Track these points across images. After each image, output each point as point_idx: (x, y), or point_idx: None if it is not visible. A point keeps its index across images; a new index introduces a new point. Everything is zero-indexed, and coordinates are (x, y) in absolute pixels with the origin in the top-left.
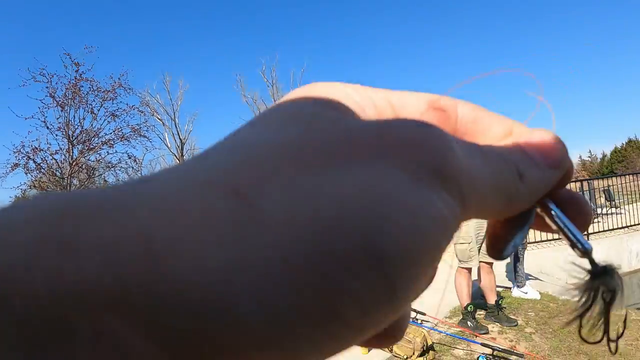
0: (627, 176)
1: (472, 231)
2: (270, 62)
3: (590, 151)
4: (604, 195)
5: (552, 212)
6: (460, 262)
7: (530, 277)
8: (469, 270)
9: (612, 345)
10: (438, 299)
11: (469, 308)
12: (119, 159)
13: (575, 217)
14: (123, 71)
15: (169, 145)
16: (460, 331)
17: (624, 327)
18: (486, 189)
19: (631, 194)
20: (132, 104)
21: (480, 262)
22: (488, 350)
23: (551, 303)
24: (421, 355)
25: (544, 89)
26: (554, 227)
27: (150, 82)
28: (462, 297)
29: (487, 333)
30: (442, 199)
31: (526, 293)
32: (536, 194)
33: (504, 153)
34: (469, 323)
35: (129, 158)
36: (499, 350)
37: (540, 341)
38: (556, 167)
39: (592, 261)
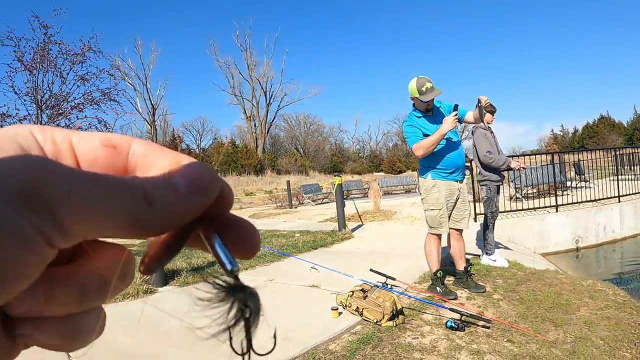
0: (598, 151)
1: (442, 198)
2: (244, 27)
3: (562, 125)
4: (574, 169)
5: (208, 233)
6: (431, 228)
7: (499, 246)
8: (439, 236)
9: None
10: (408, 264)
11: (438, 274)
12: (89, 123)
13: (236, 241)
14: (93, 34)
15: (140, 110)
16: (430, 296)
17: (274, 344)
18: (96, 211)
19: (601, 169)
20: (102, 68)
21: (450, 229)
22: (456, 316)
23: (519, 271)
24: (391, 319)
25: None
26: (208, 248)
27: (122, 46)
28: (432, 263)
29: (455, 299)
30: (24, 216)
31: (495, 261)
32: (174, 218)
33: (134, 181)
34: (437, 289)
35: (99, 123)
36: (467, 316)
37: (508, 307)
38: (201, 193)
39: (236, 279)
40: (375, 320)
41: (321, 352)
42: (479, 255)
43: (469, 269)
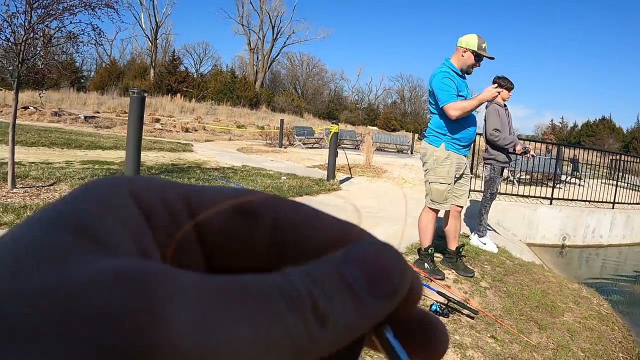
0: (595, 152)
1: (453, 172)
2: None
3: (562, 117)
4: (571, 165)
5: (385, 340)
6: (432, 202)
7: (488, 228)
8: (437, 212)
9: None
10: (395, 231)
11: (429, 250)
12: (82, 30)
13: (421, 348)
14: None
15: (143, 26)
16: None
17: None
18: (244, 356)
19: (594, 169)
20: None
21: (451, 204)
22: (443, 299)
23: (507, 260)
24: None
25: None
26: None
27: None
28: (426, 237)
29: (442, 279)
30: None
31: (485, 244)
32: (350, 335)
33: (294, 287)
34: (426, 265)
35: (94, 30)
36: (454, 302)
37: (494, 299)
38: (388, 294)
39: None
40: None
41: None
42: (467, 236)
43: (460, 250)
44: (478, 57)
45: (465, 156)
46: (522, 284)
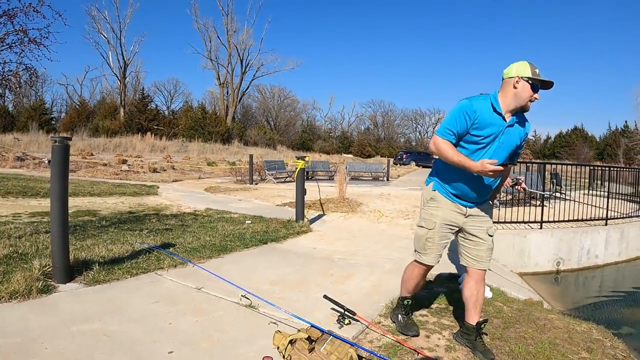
0: (571, 166)
1: (439, 218)
2: None
3: (535, 131)
4: (555, 180)
5: None
6: (415, 252)
7: None
8: (426, 268)
9: None
10: (372, 284)
11: (405, 302)
12: (10, 70)
13: None
14: None
15: (111, 65)
16: (397, 343)
17: None
18: None
19: (574, 181)
20: (29, 2)
21: (472, 267)
22: None
23: (504, 305)
24: None
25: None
26: None
27: None
28: (406, 288)
29: (416, 335)
30: None
31: None
32: None
33: None
34: (400, 317)
35: (28, 71)
36: None
37: None
38: None
39: None
40: None
41: None
42: (457, 279)
43: (482, 326)
44: (536, 87)
45: (467, 207)
46: (526, 337)
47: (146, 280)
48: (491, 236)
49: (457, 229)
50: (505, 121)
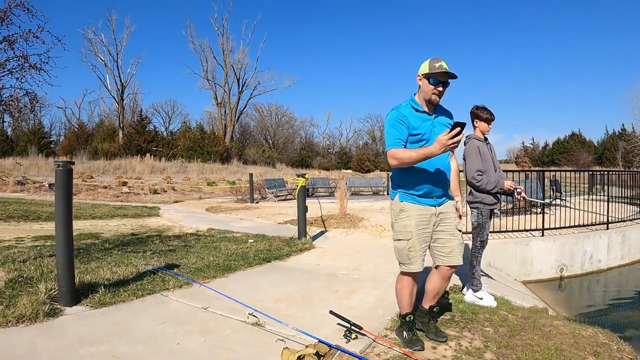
0: (570, 172)
1: (412, 227)
2: (223, 10)
3: (533, 138)
4: (554, 187)
5: None
6: (400, 264)
7: (482, 274)
8: (413, 276)
9: None
10: (377, 297)
11: (407, 319)
12: (10, 96)
13: None
14: None
15: (109, 88)
16: (404, 356)
17: None
18: None
19: (574, 186)
20: (28, 28)
21: (439, 266)
22: None
23: (509, 314)
24: None
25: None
26: None
27: (95, 20)
28: (402, 305)
29: (421, 350)
30: None
31: (481, 299)
32: None
33: None
34: (404, 334)
35: (27, 96)
36: None
37: None
38: None
39: None
40: None
41: None
42: (461, 290)
43: (435, 309)
44: (434, 80)
45: (435, 205)
46: (533, 345)
47: (152, 302)
48: (460, 231)
49: (431, 229)
50: (430, 115)
